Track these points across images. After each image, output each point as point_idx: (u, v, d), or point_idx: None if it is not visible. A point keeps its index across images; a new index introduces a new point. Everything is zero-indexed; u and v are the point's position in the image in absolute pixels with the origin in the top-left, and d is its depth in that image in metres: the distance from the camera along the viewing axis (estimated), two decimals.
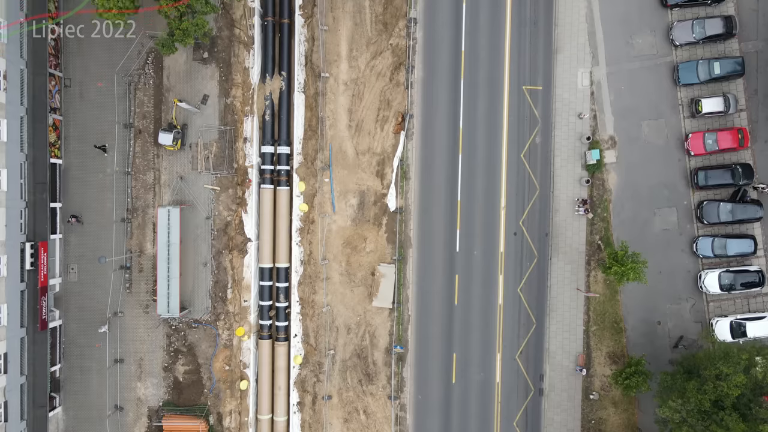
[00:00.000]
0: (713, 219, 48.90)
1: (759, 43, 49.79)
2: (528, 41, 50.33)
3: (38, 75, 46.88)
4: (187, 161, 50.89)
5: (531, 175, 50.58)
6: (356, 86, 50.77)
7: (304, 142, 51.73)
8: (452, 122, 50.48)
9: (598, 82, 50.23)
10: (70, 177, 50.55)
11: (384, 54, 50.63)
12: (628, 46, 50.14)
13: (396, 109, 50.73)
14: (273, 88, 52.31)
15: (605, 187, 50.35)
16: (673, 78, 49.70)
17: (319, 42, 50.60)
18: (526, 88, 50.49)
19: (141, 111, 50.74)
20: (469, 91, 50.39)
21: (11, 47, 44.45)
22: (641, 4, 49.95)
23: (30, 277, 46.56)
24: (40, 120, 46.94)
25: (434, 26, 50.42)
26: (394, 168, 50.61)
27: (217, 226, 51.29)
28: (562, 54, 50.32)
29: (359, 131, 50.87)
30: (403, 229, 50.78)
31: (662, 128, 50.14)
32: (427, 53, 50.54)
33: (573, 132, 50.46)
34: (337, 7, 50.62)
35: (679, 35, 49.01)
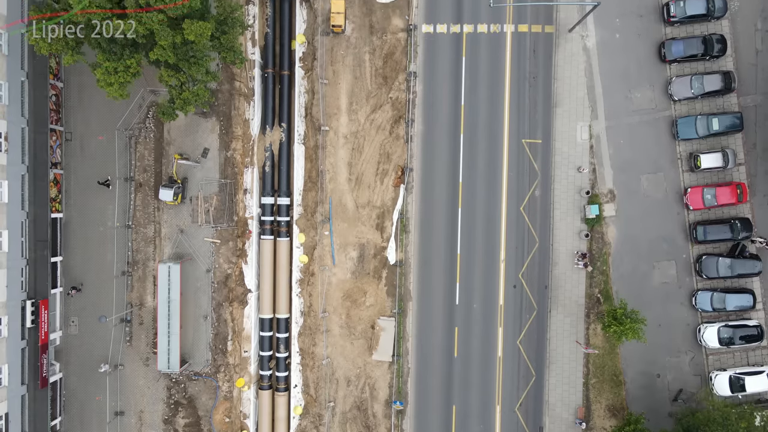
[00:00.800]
0: (712, 274, 49.05)
1: (758, 97, 50.00)
2: (527, 95, 50.52)
3: (39, 133, 47.07)
4: (187, 214, 51.06)
5: (530, 228, 50.72)
6: (356, 139, 50.95)
7: (304, 193, 51.90)
8: (452, 175, 50.64)
9: (597, 136, 50.41)
10: (71, 230, 50.71)
11: (384, 107, 50.82)
12: (627, 101, 50.32)
13: (396, 162, 50.91)
14: (273, 139, 52.52)
15: (604, 240, 50.49)
16: (672, 132, 49.89)
17: (319, 95, 50.80)
18: (525, 142, 50.66)
19: (142, 164, 50.92)
20: (468, 145, 50.57)
21: (12, 107, 44.65)
22: (640, 58, 50.14)
23: (31, 334, 46.68)
24: (41, 178, 47.12)
25: (434, 80, 50.61)
26: (394, 221, 50.78)
27: (218, 279, 51.43)
28: (561, 108, 50.50)
29: (359, 184, 51.04)
30: (402, 282, 50.92)
31: (661, 182, 50.30)
32: (427, 107, 50.73)
33: (572, 185, 50.61)
34: (337, 60, 50.81)
35: (678, 90, 49.20)
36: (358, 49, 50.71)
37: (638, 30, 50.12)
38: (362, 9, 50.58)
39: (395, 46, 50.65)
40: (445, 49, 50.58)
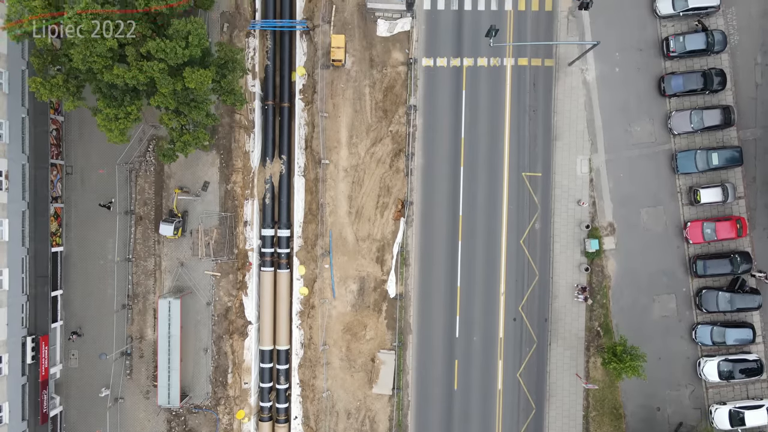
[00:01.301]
0: (712, 308, 49.08)
1: (757, 130, 50.07)
2: (527, 128, 50.58)
3: (40, 169, 47.13)
4: (187, 247, 51.09)
5: (530, 261, 50.76)
6: (356, 173, 51.00)
7: (305, 225, 51.95)
8: (452, 209, 50.69)
9: (597, 169, 50.46)
10: (71, 264, 50.75)
11: (384, 141, 50.88)
12: (626, 134, 50.38)
13: (396, 195, 50.96)
14: (273, 171, 52.58)
15: (604, 273, 50.53)
16: (672, 166, 49.95)
17: (319, 128, 50.86)
18: (525, 175, 50.71)
19: (142, 198, 50.97)
20: (468, 178, 50.61)
21: (13, 145, 44.73)
22: (639, 92, 50.21)
23: (31, 370, 46.70)
24: (41, 213, 47.17)
25: (434, 113, 50.66)
26: (394, 254, 50.82)
27: (218, 312, 51.47)
28: (561, 141, 50.56)
29: (359, 218, 51.08)
30: (403, 315, 50.96)
31: (661, 215, 50.35)
32: (427, 140, 50.79)
33: (572, 218, 50.66)
34: (337, 94, 50.88)
35: (678, 125, 49.26)
36: (358, 83, 50.78)
37: (638, 64, 50.18)
38: (362, 43, 50.64)
39: (395, 80, 50.72)
40: (445, 83, 50.65)
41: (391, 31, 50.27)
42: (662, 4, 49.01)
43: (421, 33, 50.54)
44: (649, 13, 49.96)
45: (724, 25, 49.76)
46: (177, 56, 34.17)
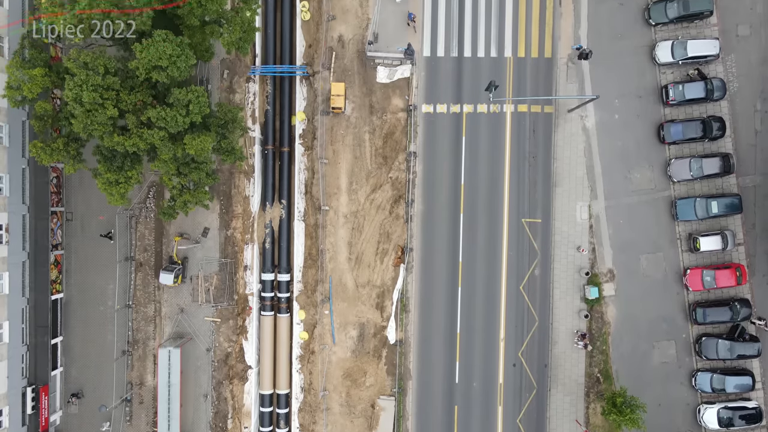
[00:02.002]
0: (712, 355, 49.10)
1: (757, 177, 50.14)
2: (527, 175, 50.65)
3: (40, 219, 47.18)
4: (187, 293, 51.13)
5: (530, 307, 50.79)
6: (356, 219, 51.06)
7: (304, 270, 51.99)
8: (452, 255, 50.73)
9: (597, 216, 50.52)
10: (71, 310, 50.77)
11: (384, 187, 50.94)
12: (626, 181, 50.46)
13: (396, 242, 51.01)
14: (273, 216, 52.64)
15: (604, 319, 50.56)
16: (671, 213, 49.99)
17: (319, 175, 50.93)
18: (525, 221, 50.77)
19: (142, 244, 51.01)
20: (468, 224, 50.66)
21: (13, 198, 44.77)
22: (639, 139, 50.30)
23: (31, 420, 46.72)
24: (42, 263, 47.20)
25: (434, 160, 50.75)
26: (394, 301, 50.86)
27: (218, 357, 51.49)
28: (561, 187, 50.62)
29: (359, 264, 51.13)
30: (402, 361, 50.97)
31: (660, 262, 50.39)
32: (427, 186, 50.85)
33: (572, 265, 50.69)
34: (337, 140, 50.96)
35: (677, 172, 49.32)
36: (358, 129, 50.87)
37: (637, 111, 50.27)
38: (362, 89, 50.72)
39: (395, 126, 50.81)
40: (445, 129, 50.74)
41: (390, 77, 50.37)
42: (661, 53, 49.10)
43: (421, 79, 50.63)
44: (649, 60, 50.06)
45: (724, 72, 49.86)
46: (177, 125, 34.25)
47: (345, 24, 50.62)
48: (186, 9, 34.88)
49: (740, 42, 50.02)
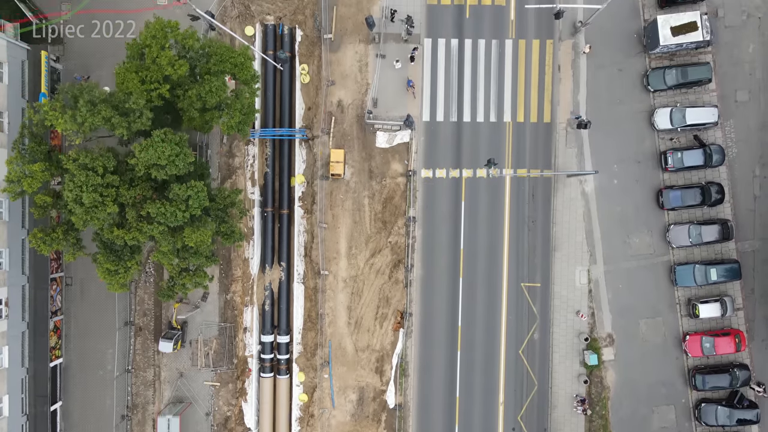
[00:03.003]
0: (711, 421, 49.10)
1: (756, 242, 50.19)
2: (526, 239, 50.70)
3: (40, 289, 47.19)
4: (187, 358, 51.13)
5: (529, 371, 50.80)
6: (355, 283, 51.09)
7: (304, 332, 52.02)
8: (451, 319, 50.76)
9: (596, 280, 50.56)
10: (70, 375, 50.77)
11: (383, 252, 50.98)
12: (625, 246, 50.50)
13: (395, 306, 51.04)
14: (272, 278, 52.67)
15: (603, 384, 50.57)
16: (670, 278, 50.02)
17: (319, 239, 50.96)
18: (524, 285, 50.81)
19: (141, 308, 51.01)
20: (467, 289, 50.71)
21: (13, 271, 44.77)
22: (638, 204, 50.35)
23: None
24: (41, 333, 47.22)
25: (433, 224, 50.81)
26: (394, 365, 50.87)
27: (217, 422, 51.49)
28: (560, 252, 50.67)
29: (358, 328, 51.16)
30: (402, 425, 50.95)
31: (660, 327, 50.42)
32: (426, 251, 50.89)
33: (571, 329, 50.73)
34: (337, 204, 51.01)
35: (676, 238, 49.36)
36: (357, 194, 50.92)
37: (636, 176, 50.35)
38: (362, 154, 50.80)
39: (394, 191, 50.86)
40: (444, 194, 50.81)
41: (390, 142, 50.44)
42: (660, 119, 49.18)
43: (420, 144, 50.71)
44: (647, 126, 50.14)
45: (722, 137, 49.93)
46: (177, 220, 34.31)
47: (344, 89, 50.71)
48: (186, 102, 34.97)
49: (739, 107, 50.11)
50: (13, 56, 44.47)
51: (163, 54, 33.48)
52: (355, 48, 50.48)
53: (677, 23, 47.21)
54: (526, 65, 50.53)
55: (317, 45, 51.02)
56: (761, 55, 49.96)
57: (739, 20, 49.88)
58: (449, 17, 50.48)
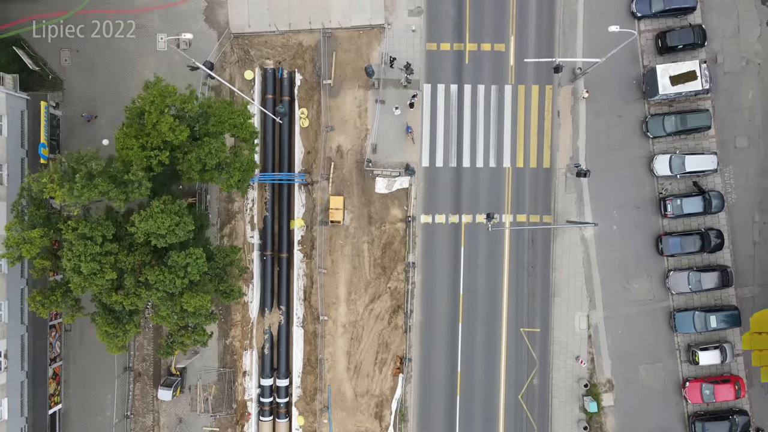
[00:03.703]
0: None
1: (755, 288, 50.19)
2: (526, 284, 50.68)
3: (39, 338, 47.15)
4: (186, 403, 51.09)
5: (529, 417, 50.74)
6: (355, 329, 51.06)
7: (303, 375, 51.98)
8: (450, 365, 50.72)
9: (596, 326, 50.53)
10: (69, 421, 50.75)
11: (382, 297, 50.95)
12: (624, 291, 50.49)
13: (394, 352, 51.00)
14: (272, 321, 52.65)
15: (603, 430, 50.53)
16: (670, 324, 50.00)
17: (318, 285, 50.93)
18: (524, 330, 50.78)
19: (141, 354, 50.97)
20: (467, 334, 50.68)
21: (12, 323, 44.75)
22: (637, 250, 50.32)
23: None
24: (40, 383, 47.20)
25: (432, 270, 50.78)
26: (393, 410, 50.82)
27: None
28: (559, 297, 50.65)
29: (358, 373, 51.11)
30: None
31: (659, 373, 50.39)
32: (426, 297, 50.86)
33: (571, 374, 50.68)
34: (336, 250, 50.97)
35: (675, 285, 49.34)
36: (356, 239, 50.89)
37: (635, 221, 50.33)
38: (361, 199, 50.79)
39: (394, 236, 50.83)
40: (443, 239, 50.79)
41: (389, 188, 50.41)
42: (659, 166, 49.17)
43: (420, 190, 50.70)
44: (647, 172, 50.13)
45: (722, 183, 49.92)
46: (176, 287, 34.31)
47: (344, 134, 50.72)
48: (186, 165, 34.98)
49: (738, 153, 50.13)
50: (12, 108, 44.50)
51: (162, 120, 33.49)
52: (355, 93, 50.50)
53: (676, 72, 47.24)
54: (526, 110, 50.54)
55: (316, 90, 51.04)
56: (761, 101, 49.98)
57: (738, 66, 49.91)
58: (449, 63, 50.49)
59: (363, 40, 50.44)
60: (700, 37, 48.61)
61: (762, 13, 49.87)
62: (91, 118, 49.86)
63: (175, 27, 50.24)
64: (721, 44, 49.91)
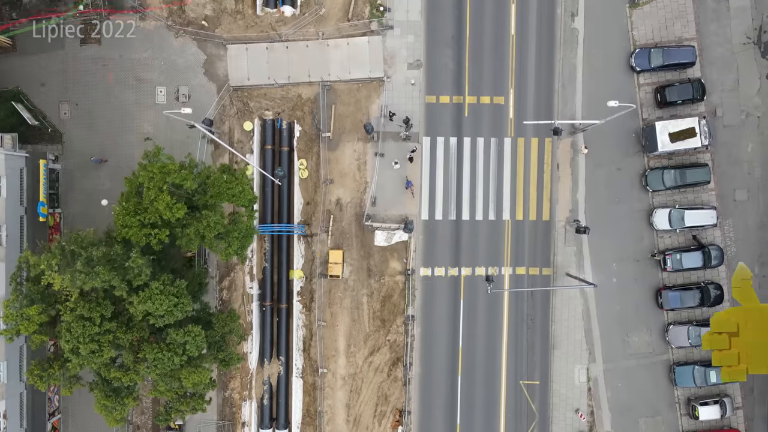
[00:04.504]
0: None
1: None
2: (525, 337, 50.66)
3: (38, 393, 47.01)
4: None
5: None
6: (354, 381, 50.99)
7: (302, 427, 51.88)
8: (450, 417, 50.67)
9: (595, 379, 50.47)
10: None
11: (382, 350, 50.90)
12: (624, 344, 50.44)
13: (394, 404, 50.93)
14: (271, 372, 52.56)
15: None
16: (670, 378, 49.93)
17: (317, 337, 50.87)
18: (523, 383, 50.73)
19: (140, 406, 50.83)
20: (466, 386, 50.63)
21: (11, 382, 44.64)
22: (637, 303, 50.31)
23: None
24: None
25: (432, 322, 50.73)
26: None
27: None
28: (559, 350, 50.60)
29: (357, 426, 51.04)
30: None
31: (659, 426, 50.33)
32: (425, 349, 50.81)
33: (570, 427, 50.62)
34: (335, 302, 50.93)
35: (675, 339, 49.30)
36: (356, 292, 50.86)
37: (635, 274, 50.32)
38: (360, 252, 50.74)
39: (393, 289, 50.79)
40: (442, 292, 50.75)
41: (388, 241, 50.38)
42: (659, 220, 49.15)
43: (419, 243, 50.66)
44: (646, 225, 50.13)
45: (721, 236, 49.91)
46: (174, 364, 34.29)
47: (343, 187, 50.70)
48: (185, 240, 35.00)
49: (738, 207, 50.14)
50: (11, 168, 44.48)
51: (160, 198, 33.50)
52: (354, 146, 50.50)
53: (675, 129, 47.30)
54: (525, 163, 50.55)
55: (316, 141, 51.03)
56: (760, 154, 50.03)
57: (737, 120, 49.95)
58: (448, 115, 50.51)
59: (362, 93, 50.45)
60: (699, 91, 48.63)
61: (762, 66, 49.92)
62: (100, 161, 49.78)
63: (175, 80, 50.29)
64: (720, 97, 49.96)
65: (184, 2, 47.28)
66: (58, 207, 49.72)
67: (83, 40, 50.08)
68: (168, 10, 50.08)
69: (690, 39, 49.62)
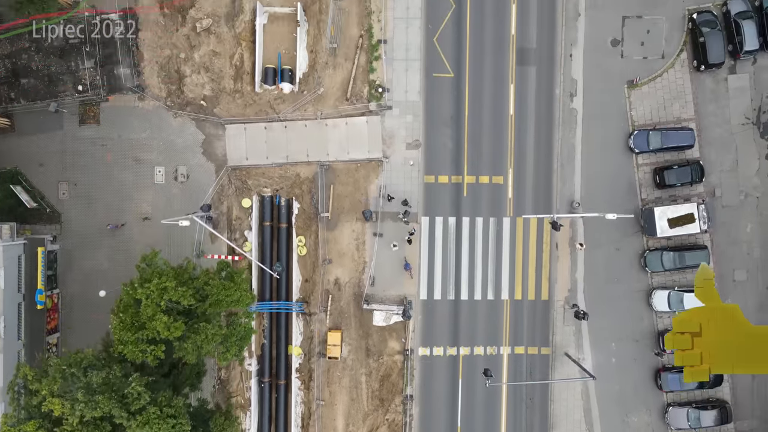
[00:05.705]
0: None
1: (753, 422, 50.10)
2: (524, 417, 50.61)
3: None
4: None
5: None
6: None
7: None
8: None
9: None
10: None
11: (380, 429, 50.82)
12: (623, 425, 50.40)
13: None
14: None
15: None
16: None
17: (315, 416, 50.79)
18: None
19: None
20: None
21: None
22: (636, 383, 50.24)
23: None
24: None
25: (431, 402, 50.68)
26: None
27: None
28: (557, 430, 50.56)
29: None
30: None
31: None
32: (424, 429, 50.75)
33: None
34: (334, 381, 50.85)
35: (674, 420, 49.28)
36: (354, 371, 50.78)
37: (634, 355, 50.26)
38: (359, 332, 50.67)
39: (392, 369, 50.71)
40: (441, 372, 50.68)
41: (387, 321, 50.28)
42: (657, 301, 49.10)
43: (418, 323, 50.60)
44: (645, 306, 50.07)
45: None
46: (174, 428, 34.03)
47: (341, 267, 50.64)
48: (182, 353, 34.94)
49: (737, 287, 50.08)
50: (9, 257, 44.47)
51: (158, 318, 33.49)
52: (353, 226, 50.44)
53: (674, 215, 47.27)
54: (524, 243, 50.50)
55: (314, 220, 50.97)
56: (759, 235, 49.99)
57: (736, 200, 49.93)
58: (447, 195, 50.48)
59: (361, 173, 50.42)
60: (698, 174, 48.62)
61: (761, 146, 49.93)
62: (116, 227, 49.59)
63: (173, 160, 50.28)
64: (719, 178, 49.95)
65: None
66: (56, 287, 49.66)
67: (82, 120, 50.11)
68: (167, 90, 50.08)
69: (689, 119, 49.61)
